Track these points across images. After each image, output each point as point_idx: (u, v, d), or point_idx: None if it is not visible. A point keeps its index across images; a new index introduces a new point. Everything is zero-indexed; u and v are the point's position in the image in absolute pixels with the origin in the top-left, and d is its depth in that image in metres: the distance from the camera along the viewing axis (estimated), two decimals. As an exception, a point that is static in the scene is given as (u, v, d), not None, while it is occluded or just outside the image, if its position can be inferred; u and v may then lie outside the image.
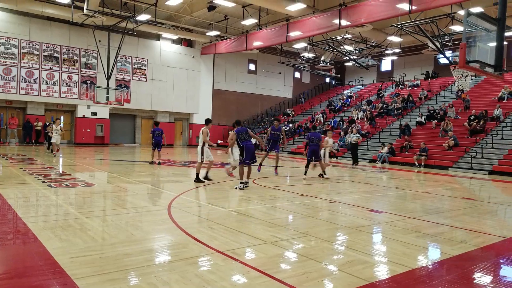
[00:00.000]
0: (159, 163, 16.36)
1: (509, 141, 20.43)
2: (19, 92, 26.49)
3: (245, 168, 10.62)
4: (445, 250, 5.58)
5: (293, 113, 37.75)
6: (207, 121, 11.89)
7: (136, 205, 8.11)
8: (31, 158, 17.46)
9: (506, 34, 10.17)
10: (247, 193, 9.87)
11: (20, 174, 11.83)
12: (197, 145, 11.80)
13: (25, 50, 26.62)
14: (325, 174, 13.92)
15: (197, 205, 8.72)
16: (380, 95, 34.40)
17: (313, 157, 13.41)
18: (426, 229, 6.79)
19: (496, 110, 23.51)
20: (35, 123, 27.02)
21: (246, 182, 10.54)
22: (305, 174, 13.61)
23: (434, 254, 5.55)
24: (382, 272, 4.65)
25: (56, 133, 19.06)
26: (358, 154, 21.22)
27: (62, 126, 21.24)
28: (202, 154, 11.43)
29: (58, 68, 27.85)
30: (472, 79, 27.77)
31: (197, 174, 11.51)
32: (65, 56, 28.11)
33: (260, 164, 14.96)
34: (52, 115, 28.45)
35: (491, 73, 9.34)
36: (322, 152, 14.09)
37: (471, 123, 22.98)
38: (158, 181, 12.35)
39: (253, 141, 12.81)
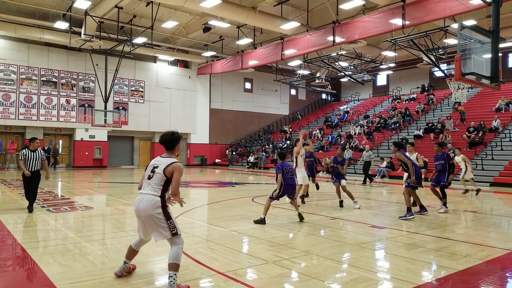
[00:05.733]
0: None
1: (509, 152, 20.40)
2: (18, 117, 26.55)
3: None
4: (450, 265, 5.50)
5: (290, 130, 37.82)
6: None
7: (135, 227, 7.96)
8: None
9: (501, 45, 10.23)
10: (247, 212, 9.79)
11: (19, 199, 11.73)
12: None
13: (23, 76, 26.76)
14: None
15: (197, 225, 8.62)
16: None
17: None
18: (429, 244, 6.71)
19: (494, 121, 23.56)
20: (34, 148, 26.91)
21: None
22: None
23: (439, 270, 5.46)
24: (387, 289, 4.58)
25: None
26: None
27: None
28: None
29: (56, 93, 27.96)
30: (468, 91, 27.94)
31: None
32: (63, 81, 28.25)
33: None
34: (51, 139, 28.45)
35: (488, 85, 9.39)
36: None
37: (470, 135, 22.99)
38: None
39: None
